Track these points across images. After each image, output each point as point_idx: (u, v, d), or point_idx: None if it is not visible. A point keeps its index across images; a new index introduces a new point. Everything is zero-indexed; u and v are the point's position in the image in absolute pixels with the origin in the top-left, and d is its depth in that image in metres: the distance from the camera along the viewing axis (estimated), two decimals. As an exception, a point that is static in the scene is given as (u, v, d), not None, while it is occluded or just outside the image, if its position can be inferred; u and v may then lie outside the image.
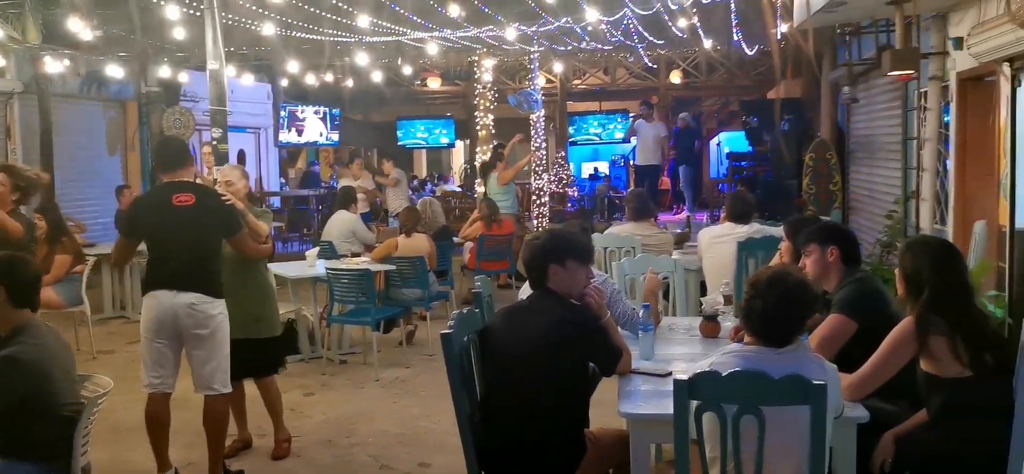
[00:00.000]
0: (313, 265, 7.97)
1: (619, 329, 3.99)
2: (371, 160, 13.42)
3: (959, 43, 6.96)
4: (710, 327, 4.45)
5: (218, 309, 4.77)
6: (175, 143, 5.32)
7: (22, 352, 3.37)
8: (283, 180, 18.99)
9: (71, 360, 3.67)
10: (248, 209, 5.18)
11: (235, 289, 5.12)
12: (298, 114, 18.37)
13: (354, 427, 6.08)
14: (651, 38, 12.21)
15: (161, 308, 4.67)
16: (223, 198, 4.92)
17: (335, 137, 19.64)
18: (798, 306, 2.97)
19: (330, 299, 7.55)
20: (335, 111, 19.24)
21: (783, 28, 9.08)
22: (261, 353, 5.43)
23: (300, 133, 18.60)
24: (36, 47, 10.53)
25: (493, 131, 15.94)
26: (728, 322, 4.52)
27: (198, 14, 8.89)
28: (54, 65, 11.33)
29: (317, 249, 8.61)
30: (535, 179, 15.56)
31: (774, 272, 3.04)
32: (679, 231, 9.24)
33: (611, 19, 10.66)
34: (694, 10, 10.31)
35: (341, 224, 9.22)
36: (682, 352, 4.14)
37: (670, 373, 3.60)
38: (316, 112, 18.74)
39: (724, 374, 2.82)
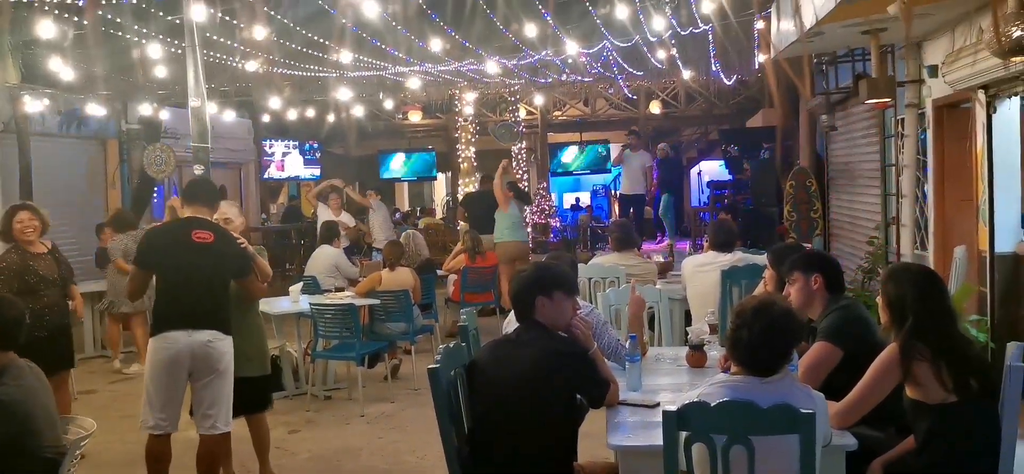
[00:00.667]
0: (297, 300, 7.93)
1: (606, 360, 3.99)
2: (350, 194, 13.36)
3: (934, 71, 7.07)
4: (696, 357, 4.45)
5: (229, 346, 4.79)
6: (211, 183, 5.35)
7: (4, 393, 3.33)
8: (264, 215, 18.93)
9: (53, 402, 3.63)
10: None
11: (232, 328, 5.11)
12: (278, 150, 18.37)
13: (340, 464, 6.02)
14: (630, 69, 12.33)
15: (177, 348, 4.62)
16: (239, 242, 4.94)
17: (316, 172, 19.62)
18: (784, 335, 2.99)
19: (314, 334, 7.50)
20: (316, 145, 19.24)
21: (760, 59, 9.20)
22: (253, 391, 5.39)
23: (281, 168, 18.60)
24: (15, 86, 10.49)
25: (475, 163, 16.00)
26: (714, 351, 4.52)
27: (179, 52, 8.90)
28: (34, 104, 11.28)
29: (301, 284, 8.57)
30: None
31: (759, 301, 3.05)
32: (662, 260, 9.26)
33: (591, 51, 10.76)
34: (672, 42, 10.43)
35: (324, 259, 9.18)
36: (669, 382, 4.14)
37: (658, 404, 3.60)
38: (296, 146, 18.75)
39: (713, 405, 2.83)
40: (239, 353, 5.20)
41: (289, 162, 18.81)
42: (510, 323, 4.08)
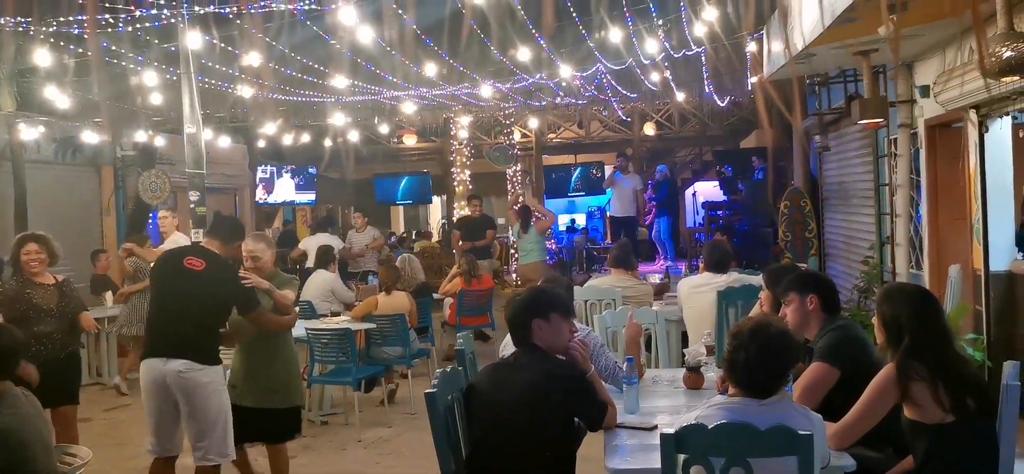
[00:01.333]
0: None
1: (603, 383, 3.99)
2: (349, 218, 13.40)
3: (926, 91, 7.11)
4: (694, 379, 4.45)
5: (210, 376, 4.67)
6: (233, 220, 5.37)
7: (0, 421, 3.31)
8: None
9: (49, 430, 3.62)
10: (275, 277, 5.16)
11: (254, 359, 5.08)
12: (271, 175, 18.38)
13: (337, 490, 5.98)
14: (624, 91, 12.38)
15: (153, 376, 4.63)
16: (244, 279, 4.89)
17: (312, 196, 19.63)
18: (781, 356, 3.00)
19: (310, 359, 7.48)
20: (311, 170, 19.26)
21: (753, 80, 9.25)
22: (276, 422, 5.29)
23: (270, 192, 18.58)
24: (11, 114, 10.50)
25: (470, 186, 16.03)
26: (711, 373, 4.52)
27: (175, 79, 8.93)
28: (29, 132, 11.29)
29: (297, 309, 8.55)
30: (511, 235, 15.62)
31: (756, 323, 3.06)
32: (659, 282, 9.27)
33: (584, 74, 10.81)
34: (665, 64, 10.48)
35: (320, 283, 9.18)
36: (667, 405, 4.14)
37: (656, 427, 3.59)
38: (288, 171, 18.76)
39: (710, 426, 2.82)
40: (263, 386, 5.16)
41: (279, 187, 18.76)
42: (506, 346, 4.08)
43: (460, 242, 12.23)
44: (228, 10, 7.53)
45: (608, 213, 18.10)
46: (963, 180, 6.74)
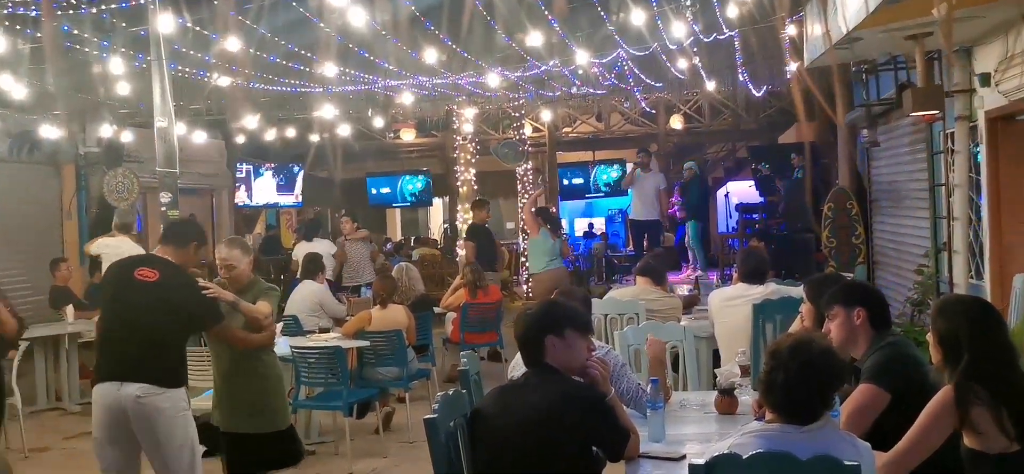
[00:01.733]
0: (276, 343, 7.93)
1: (625, 407, 4.00)
2: (339, 223, 13.36)
3: (986, 79, 7.10)
4: (726, 402, 4.45)
5: (170, 401, 4.63)
6: (185, 223, 5.32)
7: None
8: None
9: (5, 463, 3.64)
10: (254, 286, 5.16)
11: (229, 378, 5.09)
12: (253, 172, 18.47)
13: (326, 527, 6.00)
14: (648, 80, 12.40)
15: (107, 403, 4.59)
16: (204, 289, 4.87)
17: (297, 198, 19.70)
18: (824, 377, 3.00)
19: (296, 381, 7.50)
20: (296, 168, 19.33)
21: (793, 67, 9.25)
22: (259, 449, 5.26)
23: (248, 193, 18.64)
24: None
25: (475, 186, 16.04)
26: (746, 396, 4.53)
27: (144, 67, 8.98)
28: (-20, 126, 11.38)
29: (280, 324, 8.58)
30: (521, 241, 15.65)
31: (796, 340, 3.07)
32: (687, 293, 9.28)
33: (603, 61, 10.84)
34: (694, 50, 10.50)
35: (306, 296, 9.20)
36: (696, 432, 4.15)
37: (684, 456, 3.60)
38: (270, 169, 18.82)
39: (745, 456, 2.83)
40: (240, 407, 5.15)
41: (262, 187, 18.82)
42: (516, 367, 4.10)
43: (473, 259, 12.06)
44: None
45: (628, 216, 18.11)
46: (1030, 179, 6.73)
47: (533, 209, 11.92)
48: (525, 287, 15.20)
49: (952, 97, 7.62)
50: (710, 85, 12.88)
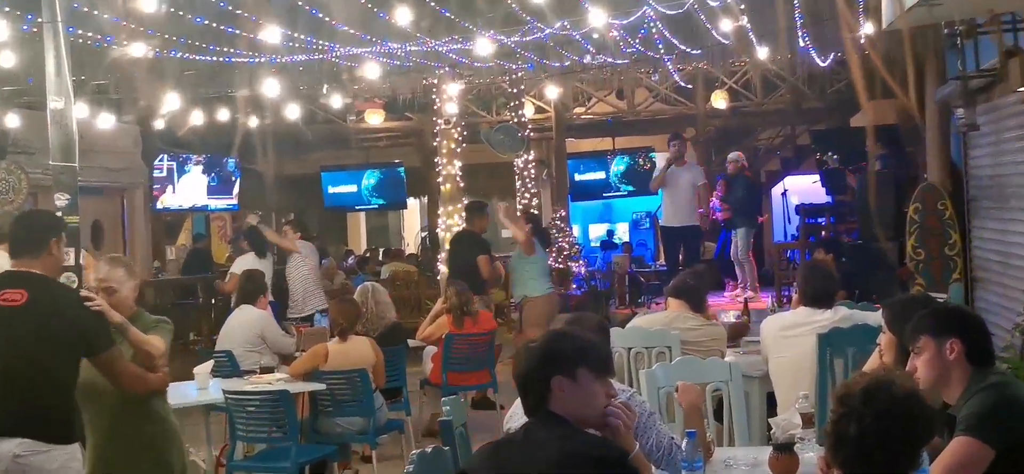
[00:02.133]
0: (205, 387, 7.94)
1: (654, 469, 4.00)
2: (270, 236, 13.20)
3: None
4: (784, 462, 4.45)
5: (59, 461, 4.64)
6: (33, 217, 5.29)
7: None
8: (157, 263, 19.00)
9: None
10: (137, 318, 5.14)
11: (116, 428, 5.08)
12: (177, 168, 18.47)
13: None
14: (683, 47, 12.40)
15: None
16: (88, 301, 4.84)
17: (232, 200, 19.70)
18: (908, 428, 3.02)
19: (231, 436, 7.50)
20: (231, 162, 19.33)
21: (868, 30, 9.26)
22: None
23: (173, 192, 18.63)
24: None
25: (461, 183, 16.00)
26: (809, 452, 4.54)
27: (34, 31, 8.98)
28: None
29: (210, 363, 8.59)
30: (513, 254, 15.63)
31: (872, 381, 3.08)
32: (734, 320, 9.29)
33: (625, 22, 10.84)
34: (742, 6, 10.50)
35: (244, 325, 9.19)
36: (745, 499, 4.16)
37: (729, 530, 3.61)
38: (199, 163, 18.80)
39: (808, 531, 2.84)
40: (131, 464, 5.16)
41: (187, 186, 18.76)
42: (514, 416, 4.10)
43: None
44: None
45: (659, 221, 18.13)
46: None
47: (527, 222, 12.01)
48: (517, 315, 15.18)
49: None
50: (762, 53, 12.88)
